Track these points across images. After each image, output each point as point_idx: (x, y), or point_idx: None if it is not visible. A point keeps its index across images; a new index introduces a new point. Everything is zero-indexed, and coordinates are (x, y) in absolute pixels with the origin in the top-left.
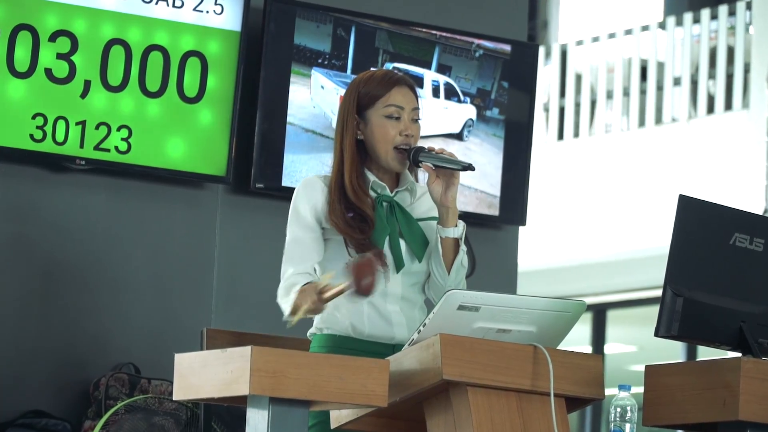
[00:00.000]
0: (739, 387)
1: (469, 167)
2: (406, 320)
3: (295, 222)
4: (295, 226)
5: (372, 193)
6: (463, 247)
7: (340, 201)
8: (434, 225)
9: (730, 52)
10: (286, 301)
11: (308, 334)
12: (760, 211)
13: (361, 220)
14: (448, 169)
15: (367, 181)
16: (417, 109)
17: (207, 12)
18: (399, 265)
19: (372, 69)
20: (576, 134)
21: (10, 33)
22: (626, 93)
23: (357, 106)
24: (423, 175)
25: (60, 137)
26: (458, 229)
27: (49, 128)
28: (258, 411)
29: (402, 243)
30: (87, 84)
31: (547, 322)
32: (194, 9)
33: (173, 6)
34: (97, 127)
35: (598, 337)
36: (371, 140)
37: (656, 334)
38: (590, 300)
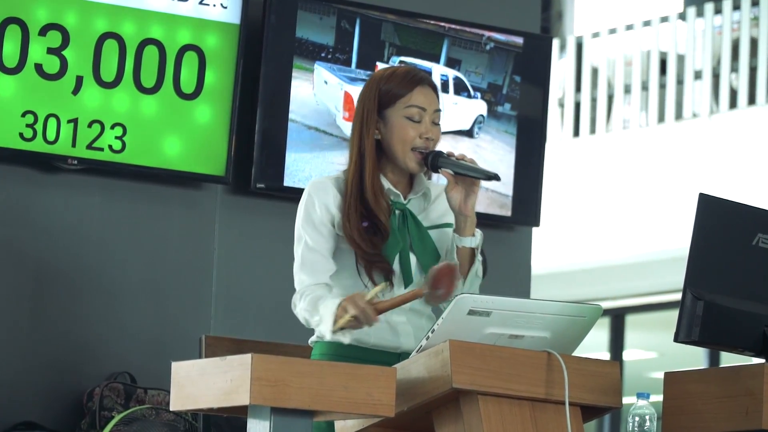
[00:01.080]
0: (762, 395)
1: (494, 177)
2: (413, 329)
3: (309, 227)
4: (309, 231)
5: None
6: (478, 257)
7: (356, 208)
8: (448, 232)
9: (754, 43)
10: (314, 315)
11: (309, 341)
12: None
13: (374, 232)
14: (469, 177)
15: (382, 187)
16: (439, 111)
17: (214, 6)
18: (407, 281)
19: (393, 65)
20: (592, 131)
21: None
22: (645, 87)
23: (378, 104)
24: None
25: (51, 136)
26: (476, 239)
27: (39, 126)
28: (259, 422)
29: (412, 257)
30: (79, 80)
31: (561, 328)
32: (200, 3)
33: None
34: (89, 125)
35: (617, 343)
36: (389, 140)
37: (676, 340)
38: (607, 304)
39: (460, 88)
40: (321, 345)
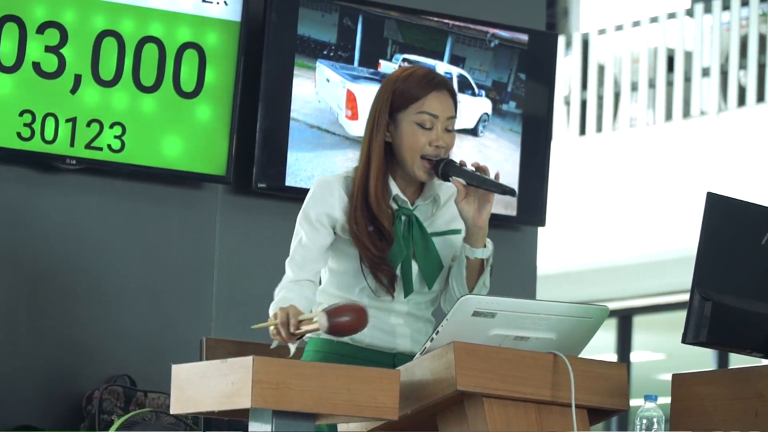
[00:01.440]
0: None
1: (510, 192)
2: (411, 332)
3: (306, 223)
4: (306, 227)
5: (393, 205)
6: (487, 268)
7: (362, 211)
8: (454, 239)
9: (762, 40)
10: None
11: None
12: None
13: (380, 237)
14: (482, 190)
15: (389, 192)
16: (453, 117)
17: (217, 3)
18: (408, 290)
19: (412, 65)
20: (599, 129)
21: None
22: (652, 85)
23: (390, 105)
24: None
25: (49, 135)
26: (486, 250)
27: (37, 126)
28: (260, 425)
29: (414, 265)
30: (77, 78)
31: (567, 329)
32: (201, 0)
33: None
34: (88, 125)
35: (624, 345)
36: (398, 146)
37: (684, 341)
38: (614, 305)
39: (464, 86)
40: (315, 342)
